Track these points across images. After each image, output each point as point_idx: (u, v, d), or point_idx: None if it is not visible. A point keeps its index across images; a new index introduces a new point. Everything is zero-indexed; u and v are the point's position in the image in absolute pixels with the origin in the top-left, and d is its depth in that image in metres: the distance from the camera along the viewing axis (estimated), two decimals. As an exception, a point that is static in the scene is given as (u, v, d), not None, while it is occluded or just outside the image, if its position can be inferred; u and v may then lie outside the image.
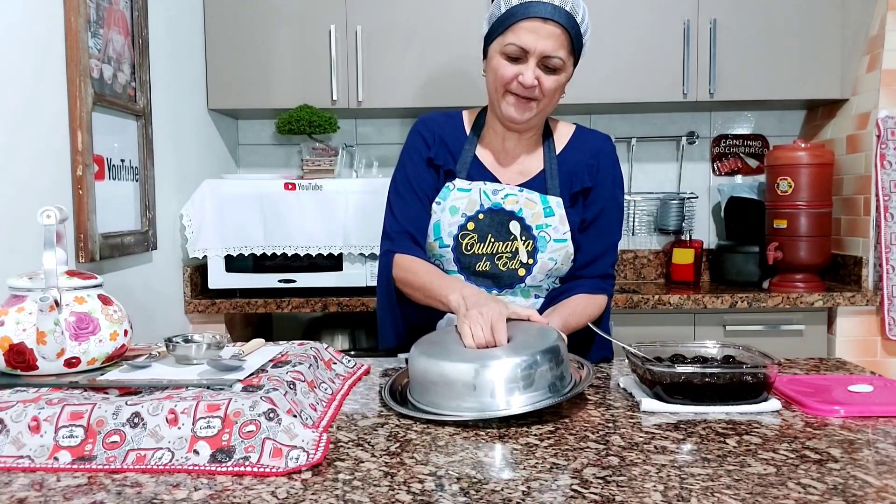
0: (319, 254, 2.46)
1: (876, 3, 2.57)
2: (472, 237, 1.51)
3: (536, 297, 1.55)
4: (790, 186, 2.58)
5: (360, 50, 2.62)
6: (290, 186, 2.43)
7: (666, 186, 3.05)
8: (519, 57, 1.43)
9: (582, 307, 1.48)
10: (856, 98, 2.65)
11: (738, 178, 3.04)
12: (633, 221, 3.04)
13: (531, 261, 1.50)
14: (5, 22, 1.49)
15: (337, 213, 2.44)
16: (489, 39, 1.50)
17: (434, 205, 1.54)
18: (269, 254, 2.46)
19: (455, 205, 1.52)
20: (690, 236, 2.91)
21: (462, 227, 1.51)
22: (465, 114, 1.64)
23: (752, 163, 3.03)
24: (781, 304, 2.47)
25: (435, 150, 1.57)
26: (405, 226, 1.55)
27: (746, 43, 2.62)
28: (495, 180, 1.55)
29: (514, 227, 1.50)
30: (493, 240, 1.50)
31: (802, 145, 2.59)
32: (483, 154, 1.58)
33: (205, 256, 2.45)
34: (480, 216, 1.51)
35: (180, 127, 2.42)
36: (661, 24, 2.63)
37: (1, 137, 1.47)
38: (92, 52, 1.76)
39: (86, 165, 1.71)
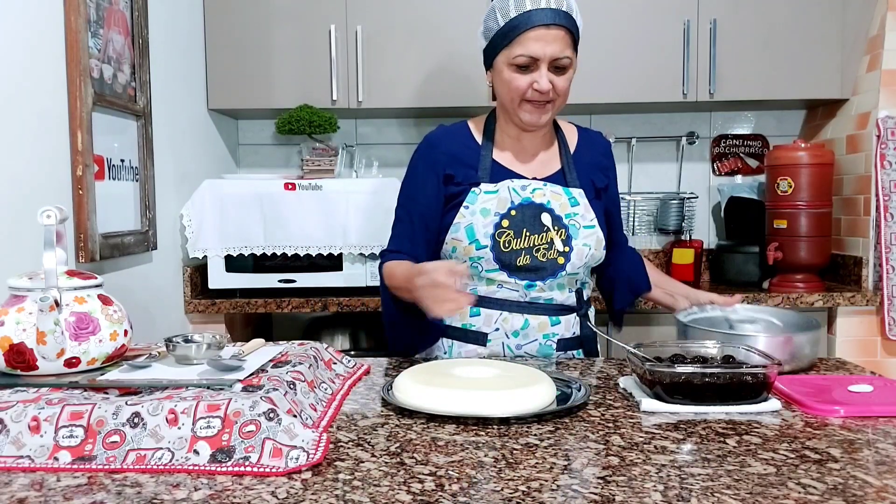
0: (319, 254, 2.46)
1: (876, 3, 2.57)
2: (509, 234, 1.53)
3: (570, 290, 1.59)
4: (790, 186, 2.58)
5: (360, 50, 2.62)
6: (290, 186, 2.43)
7: (666, 186, 3.05)
8: (529, 65, 1.47)
9: (652, 270, 1.78)
10: (856, 98, 2.65)
11: (738, 178, 3.04)
12: (633, 221, 3.04)
13: (567, 248, 1.54)
14: (5, 22, 1.49)
15: (337, 213, 2.44)
16: (492, 52, 1.52)
17: (462, 209, 1.55)
18: (269, 254, 2.46)
19: (486, 206, 1.54)
20: (690, 236, 2.91)
21: (497, 226, 1.53)
22: (470, 123, 1.65)
23: (752, 163, 3.03)
24: (781, 304, 2.47)
25: (451, 167, 1.58)
26: (398, 245, 1.61)
27: (746, 43, 2.62)
28: (519, 176, 1.58)
29: (546, 218, 1.54)
30: (528, 233, 1.53)
31: (802, 145, 2.59)
32: (500, 156, 1.61)
33: (205, 256, 2.44)
34: (513, 213, 1.53)
35: (180, 127, 2.42)
36: (661, 24, 2.63)
37: (1, 137, 1.47)
38: (92, 52, 1.76)
39: (86, 165, 1.71)
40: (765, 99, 2.67)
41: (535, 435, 1.02)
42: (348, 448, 0.97)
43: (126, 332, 1.17)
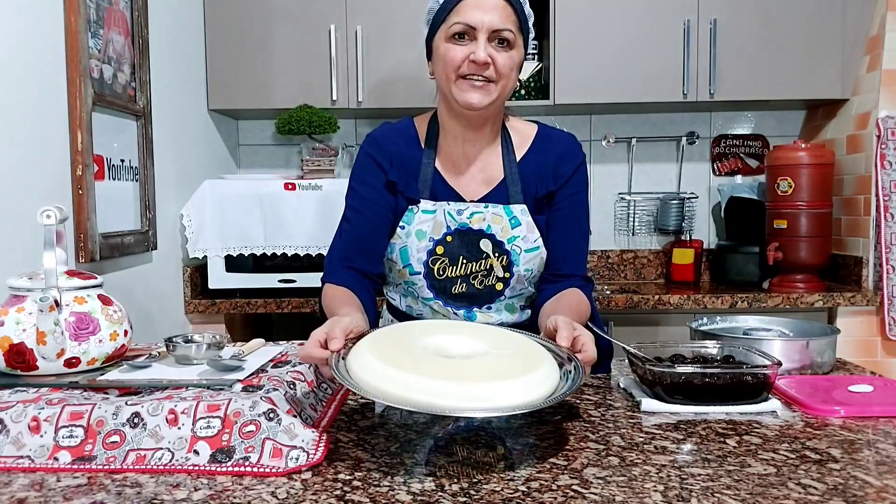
0: (319, 254, 2.46)
1: (876, 3, 2.57)
2: (444, 261, 1.44)
3: (522, 308, 1.51)
4: (790, 186, 2.58)
5: (360, 50, 2.62)
6: (290, 186, 2.43)
7: (666, 186, 3.05)
8: (466, 33, 1.37)
9: (577, 303, 1.39)
10: (856, 98, 2.65)
11: (738, 178, 3.04)
12: (634, 221, 3.04)
13: (507, 275, 1.44)
14: (5, 22, 1.49)
15: (337, 213, 2.41)
16: (431, 34, 1.45)
17: (398, 229, 1.46)
18: (269, 254, 2.46)
19: (421, 228, 1.45)
20: (690, 236, 2.91)
21: (431, 252, 1.44)
22: (416, 122, 1.54)
23: (752, 163, 3.03)
24: (781, 304, 2.47)
25: (394, 173, 1.47)
26: (345, 251, 1.49)
27: (746, 43, 2.62)
28: (459, 198, 1.47)
29: (486, 245, 1.44)
30: (465, 261, 1.44)
31: (802, 145, 2.59)
32: (443, 165, 1.49)
33: (205, 256, 2.45)
34: (448, 238, 1.44)
35: (180, 127, 2.42)
36: (661, 24, 2.63)
37: (1, 137, 1.47)
38: (92, 52, 1.76)
39: (86, 165, 1.71)
40: (765, 99, 2.67)
41: (535, 435, 1.02)
42: (348, 448, 0.97)
43: (126, 332, 1.17)
